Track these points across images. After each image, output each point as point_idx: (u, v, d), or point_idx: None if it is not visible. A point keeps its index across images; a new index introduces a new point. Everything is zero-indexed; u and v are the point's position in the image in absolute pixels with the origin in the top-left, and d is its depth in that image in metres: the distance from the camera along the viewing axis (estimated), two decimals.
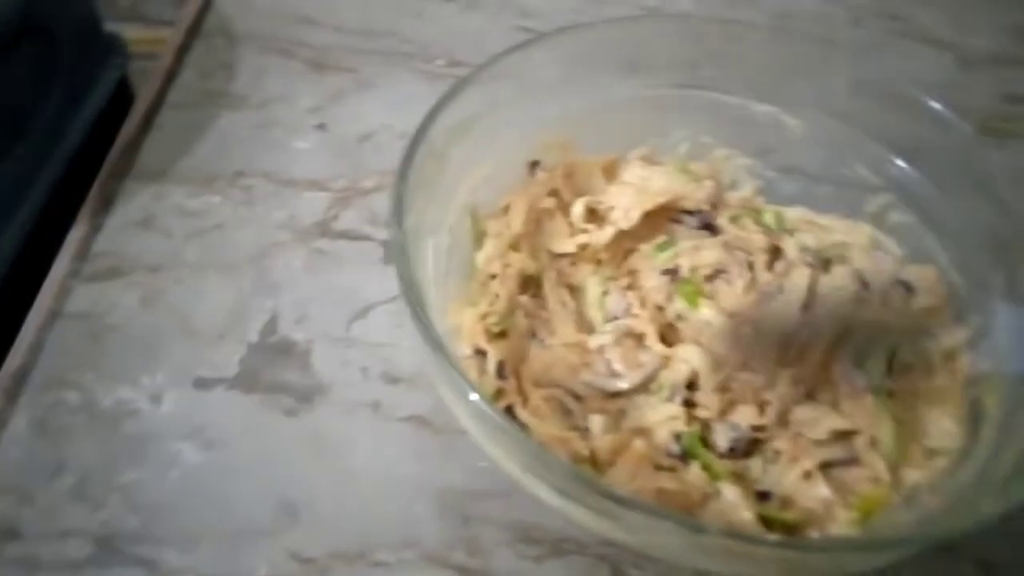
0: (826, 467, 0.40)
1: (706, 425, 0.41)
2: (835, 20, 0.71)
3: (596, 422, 0.39)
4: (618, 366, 0.41)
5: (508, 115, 0.47)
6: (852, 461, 0.40)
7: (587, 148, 0.50)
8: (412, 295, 0.35)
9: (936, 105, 0.46)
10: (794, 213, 0.50)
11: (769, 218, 0.49)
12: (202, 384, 0.47)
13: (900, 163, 0.47)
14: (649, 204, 0.47)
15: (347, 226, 0.54)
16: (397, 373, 0.48)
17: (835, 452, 0.41)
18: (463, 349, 0.42)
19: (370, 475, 0.44)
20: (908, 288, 0.44)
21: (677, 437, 0.39)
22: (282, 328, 0.49)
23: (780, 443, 0.40)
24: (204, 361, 0.47)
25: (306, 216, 0.55)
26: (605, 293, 0.47)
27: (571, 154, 0.50)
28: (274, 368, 0.47)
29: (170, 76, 0.62)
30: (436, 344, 0.34)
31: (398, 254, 0.37)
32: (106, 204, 0.54)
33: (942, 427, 0.41)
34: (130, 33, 0.78)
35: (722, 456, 0.40)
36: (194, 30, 0.66)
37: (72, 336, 0.48)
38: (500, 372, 0.41)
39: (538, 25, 0.69)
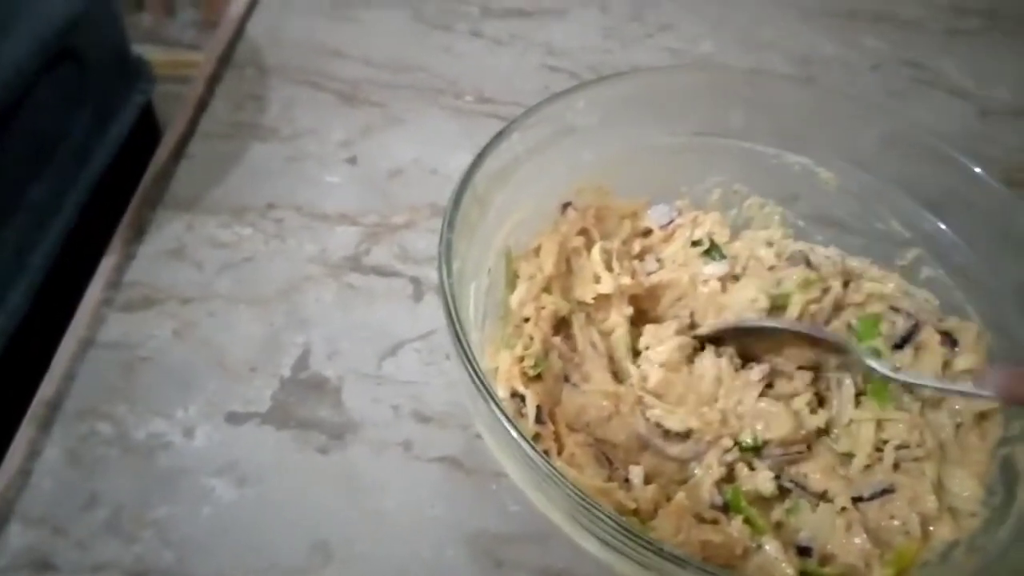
0: (857, 501, 0.41)
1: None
2: (855, 67, 0.72)
3: (636, 473, 0.39)
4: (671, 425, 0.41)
5: (546, 160, 0.47)
6: (885, 492, 0.41)
7: (621, 192, 0.51)
8: (462, 345, 0.36)
9: (967, 161, 0.47)
10: (825, 252, 0.50)
11: None
12: (234, 419, 0.47)
13: (931, 217, 0.48)
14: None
15: (377, 261, 0.55)
16: (428, 412, 0.48)
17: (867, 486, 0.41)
18: (500, 391, 0.43)
19: (402, 516, 0.44)
20: (953, 341, 0.44)
21: (719, 487, 0.39)
22: (314, 364, 0.49)
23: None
24: (236, 395, 0.48)
25: (337, 250, 0.55)
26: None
27: (605, 197, 0.50)
28: (306, 404, 0.48)
29: (201, 106, 0.63)
30: (488, 396, 0.34)
31: (447, 302, 0.37)
32: (138, 233, 0.55)
33: (966, 487, 0.42)
34: (153, 56, 0.79)
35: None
36: (225, 60, 0.66)
37: (105, 366, 0.48)
38: (539, 417, 0.41)
39: (564, 64, 0.69)
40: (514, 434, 0.34)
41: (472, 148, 0.61)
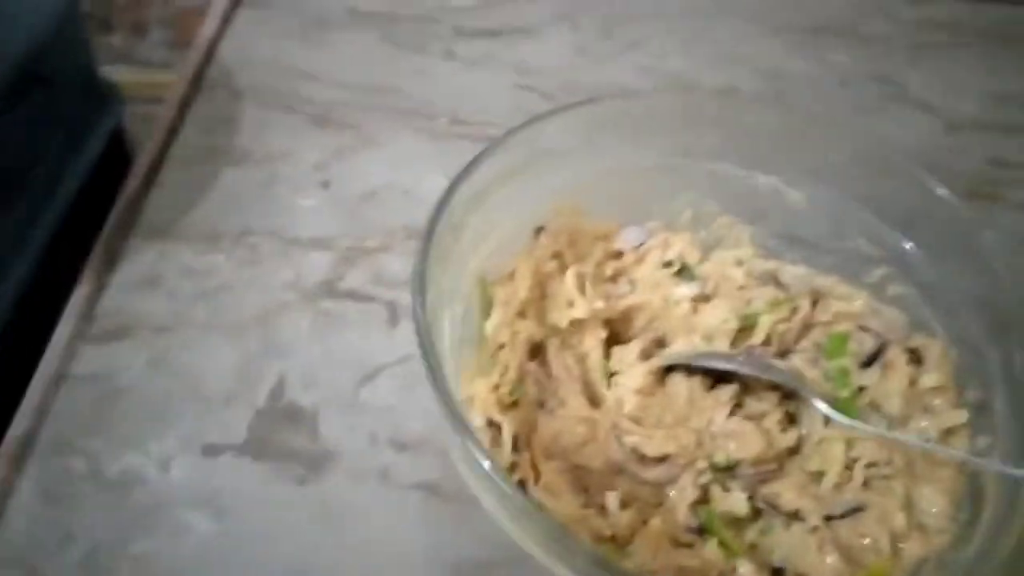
0: (829, 520, 0.41)
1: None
2: (824, 82, 0.73)
3: (612, 499, 0.40)
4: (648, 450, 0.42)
5: (520, 184, 0.48)
6: (855, 510, 0.42)
7: (595, 215, 0.51)
8: (438, 378, 0.36)
9: (931, 179, 0.48)
10: (794, 271, 0.51)
11: None
12: (211, 450, 0.47)
13: (898, 235, 0.49)
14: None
15: (352, 286, 0.55)
16: (405, 439, 0.48)
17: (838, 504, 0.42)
18: (476, 420, 0.43)
19: (383, 547, 0.44)
20: (918, 359, 0.45)
21: (695, 509, 0.40)
22: (289, 392, 0.49)
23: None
24: (212, 426, 0.47)
25: (311, 276, 0.55)
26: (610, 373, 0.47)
27: (579, 219, 0.51)
28: (283, 434, 0.48)
29: (172, 130, 0.62)
30: (464, 430, 0.35)
31: (422, 334, 0.37)
32: (110, 262, 0.54)
33: (934, 503, 0.42)
34: (124, 76, 0.78)
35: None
36: (196, 82, 0.66)
37: (78, 400, 0.48)
38: (515, 445, 0.41)
39: (536, 82, 0.70)
40: (487, 467, 0.34)
41: (445, 170, 0.62)
